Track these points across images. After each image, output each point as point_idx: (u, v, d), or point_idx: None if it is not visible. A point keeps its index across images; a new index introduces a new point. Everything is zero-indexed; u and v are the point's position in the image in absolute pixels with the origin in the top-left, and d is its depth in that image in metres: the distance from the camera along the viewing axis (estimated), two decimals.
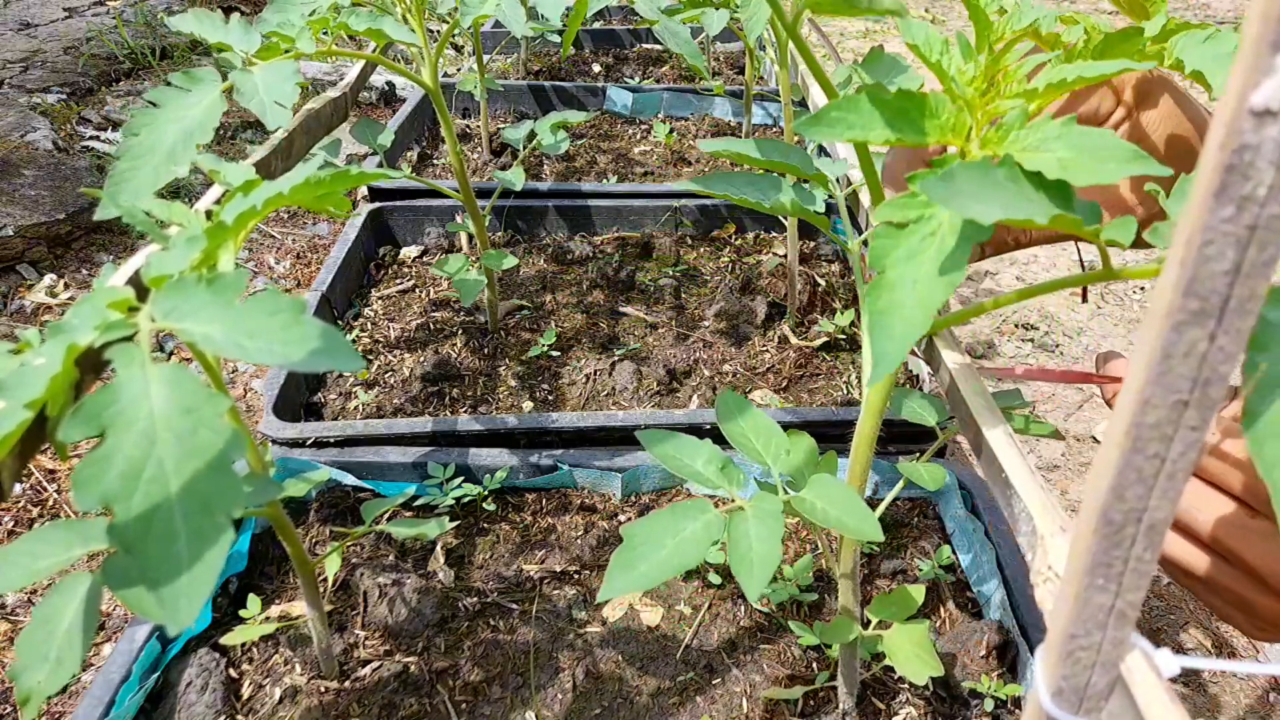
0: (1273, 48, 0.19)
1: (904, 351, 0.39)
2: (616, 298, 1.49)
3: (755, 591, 0.52)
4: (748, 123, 1.84)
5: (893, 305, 0.40)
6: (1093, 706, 0.33)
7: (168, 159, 0.63)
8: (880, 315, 0.40)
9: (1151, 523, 0.28)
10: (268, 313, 0.40)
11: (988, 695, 0.84)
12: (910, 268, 0.40)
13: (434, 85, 1.12)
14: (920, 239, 0.40)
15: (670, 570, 0.53)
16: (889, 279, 0.40)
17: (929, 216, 0.40)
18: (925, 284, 0.39)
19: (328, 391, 1.26)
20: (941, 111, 0.43)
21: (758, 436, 0.65)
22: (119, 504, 0.36)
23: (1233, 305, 0.22)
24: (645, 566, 0.53)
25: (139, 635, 0.83)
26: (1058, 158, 0.39)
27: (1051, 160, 0.39)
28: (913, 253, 0.40)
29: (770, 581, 0.75)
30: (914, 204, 0.40)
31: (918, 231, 0.40)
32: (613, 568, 0.53)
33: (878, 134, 0.41)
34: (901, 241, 0.40)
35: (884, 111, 0.42)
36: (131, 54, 2.71)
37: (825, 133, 0.41)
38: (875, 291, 0.40)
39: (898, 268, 0.40)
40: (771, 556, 0.53)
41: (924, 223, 0.40)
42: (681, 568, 0.53)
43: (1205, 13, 3.91)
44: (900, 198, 0.41)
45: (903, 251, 0.40)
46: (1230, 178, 0.20)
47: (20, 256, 1.71)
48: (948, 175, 0.36)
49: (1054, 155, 0.40)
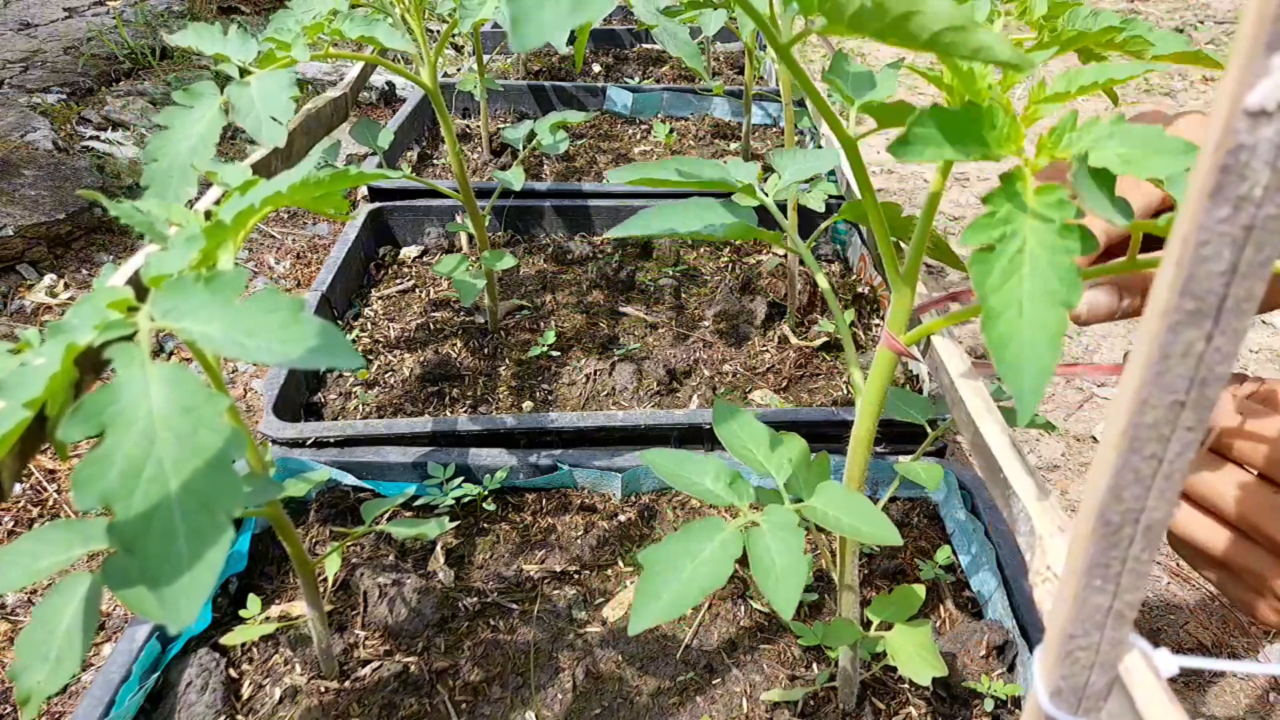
0: (1268, 49, 0.19)
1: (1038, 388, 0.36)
2: (616, 298, 1.49)
3: (788, 608, 0.51)
4: (747, 123, 1.84)
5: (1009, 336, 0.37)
6: (1091, 706, 0.33)
7: (183, 178, 0.65)
8: (1000, 349, 0.37)
9: (1149, 523, 0.28)
10: (266, 311, 0.40)
11: (988, 695, 0.84)
12: (1009, 291, 0.38)
13: (433, 85, 1.12)
14: (1009, 259, 0.38)
15: (696, 595, 0.52)
16: (992, 307, 0.38)
17: (1011, 234, 0.39)
18: (1031, 305, 0.37)
19: (328, 391, 1.27)
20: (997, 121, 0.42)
21: (757, 445, 0.65)
22: (118, 503, 0.36)
23: (1229, 305, 0.22)
24: (669, 594, 0.52)
25: (139, 635, 0.83)
26: (1116, 154, 0.39)
27: (1112, 157, 0.39)
28: (1006, 274, 0.38)
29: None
30: (993, 223, 0.39)
31: (1005, 252, 0.39)
32: (638, 598, 0.53)
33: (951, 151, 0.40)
34: (993, 264, 0.39)
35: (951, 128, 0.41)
36: (131, 54, 2.71)
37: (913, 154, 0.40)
38: (987, 324, 0.38)
39: (997, 292, 0.38)
40: (797, 569, 0.53)
41: (1008, 241, 0.39)
42: (706, 591, 0.52)
43: (1205, 12, 3.91)
44: (980, 218, 0.39)
45: (997, 275, 0.38)
46: (1226, 178, 0.21)
47: (20, 256, 1.71)
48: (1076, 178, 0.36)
49: (1114, 152, 0.40)
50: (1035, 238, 0.38)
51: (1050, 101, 0.46)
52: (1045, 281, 0.37)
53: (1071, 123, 0.42)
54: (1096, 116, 0.42)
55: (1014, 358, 0.37)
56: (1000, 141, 0.42)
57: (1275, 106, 0.19)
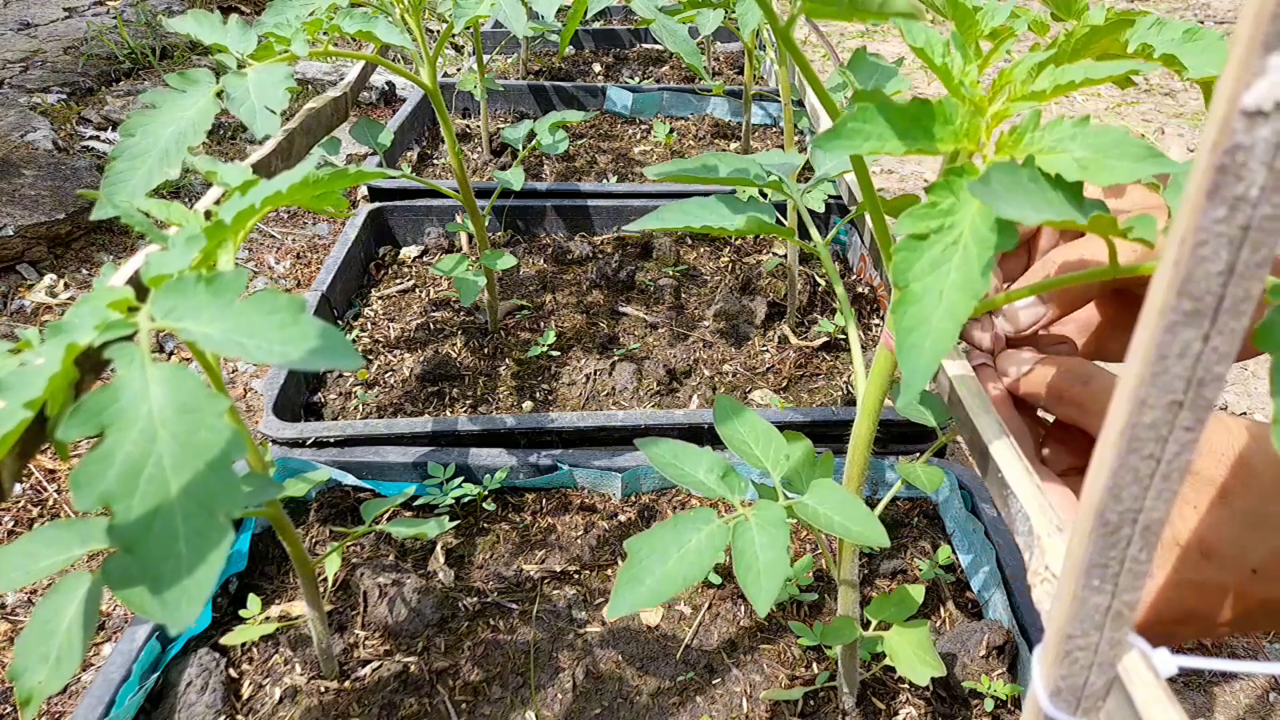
0: (1265, 48, 0.19)
1: (932, 367, 0.38)
2: (616, 298, 1.49)
3: (765, 605, 0.51)
4: (747, 122, 1.84)
5: (919, 320, 0.38)
6: (1091, 706, 0.33)
7: (162, 160, 0.64)
8: (907, 332, 0.38)
9: (1147, 523, 0.28)
10: (266, 312, 0.40)
11: (988, 695, 0.84)
12: (934, 279, 0.39)
13: (433, 85, 1.12)
14: (943, 249, 0.39)
15: (677, 585, 0.52)
16: (913, 292, 0.39)
17: (949, 225, 0.39)
18: (951, 294, 0.38)
19: (327, 391, 1.27)
20: (954, 117, 0.42)
21: (756, 442, 0.65)
22: (118, 504, 0.36)
23: (1226, 306, 0.22)
24: (651, 581, 0.52)
25: (139, 635, 0.83)
26: (1075, 158, 0.39)
27: (1069, 161, 0.39)
28: (936, 263, 0.39)
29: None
30: (934, 214, 0.39)
31: (939, 241, 0.39)
32: (619, 584, 0.53)
33: (893, 144, 0.41)
34: (923, 253, 0.39)
35: (899, 121, 0.41)
36: (131, 54, 2.71)
37: (844, 145, 0.40)
38: (900, 307, 0.39)
39: (921, 279, 0.39)
40: (779, 566, 0.52)
41: (945, 232, 0.39)
42: (688, 581, 0.52)
43: (1205, 12, 3.91)
44: (919, 208, 0.40)
45: (925, 263, 0.39)
46: (1223, 178, 0.21)
47: (20, 256, 1.71)
48: (985, 178, 0.36)
49: (1071, 156, 0.39)
50: (973, 231, 0.39)
51: (1027, 100, 0.45)
52: (970, 273, 0.38)
53: (1034, 121, 0.41)
54: (1060, 117, 0.41)
55: (917, 340, 0.38)
56: (953, 137, 0.42)
57: (1272, 106, 0.19)
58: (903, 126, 0.41)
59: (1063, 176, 0.38)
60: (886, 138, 0.41)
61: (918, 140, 0.41)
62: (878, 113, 0.40)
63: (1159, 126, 2.72)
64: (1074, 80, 0.44)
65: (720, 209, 0.65)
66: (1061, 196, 0.38)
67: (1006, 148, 0.42)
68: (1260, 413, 1.60)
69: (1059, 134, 0.40)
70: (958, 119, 0.42)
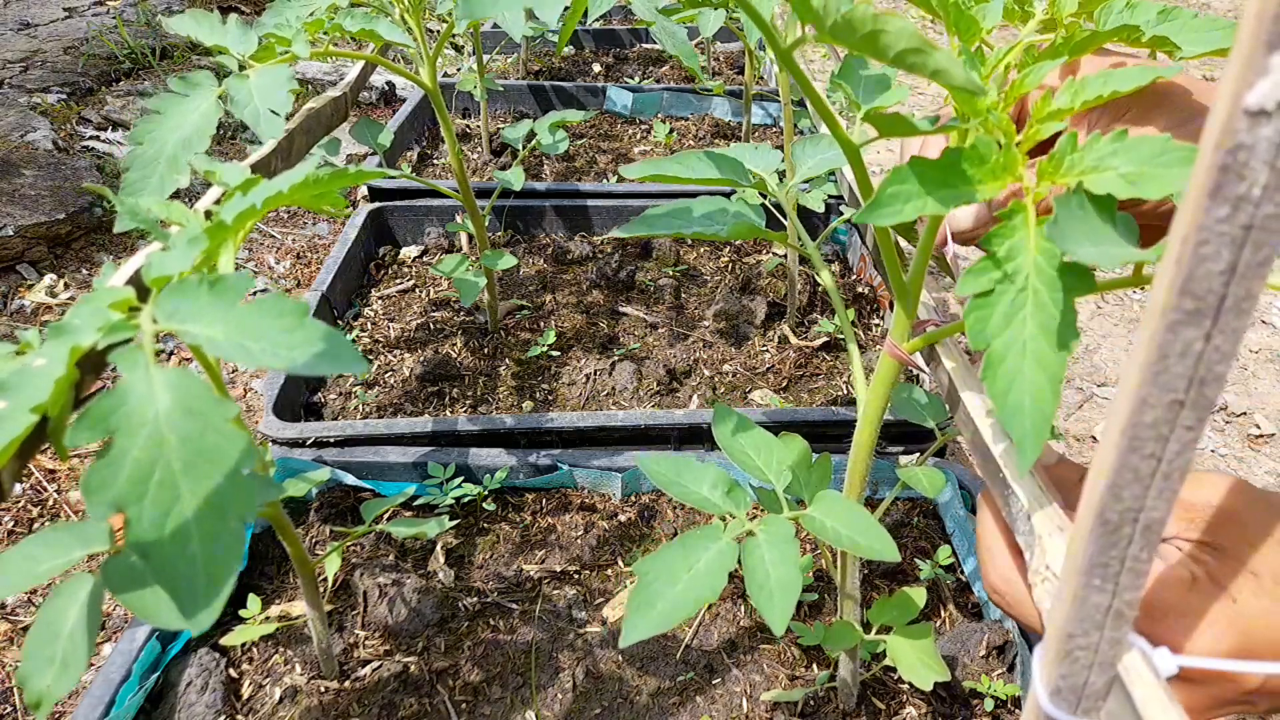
0: (1267, 48, 0.19)
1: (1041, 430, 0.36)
2: (616, 298, 1.49)
3: (780, 623, 0.50)
4: (747, 123, 1.84)
5: (1012, 377, 0.36)
6: (1091, 706, 0.33)
7: (171, 166, 0.64)
8: (1003, 395, 0.36)
9: (1148, 523, 0.28)
10: (271, 316, 0.40)
11: (988, 695, 0.84)
12: (1014, 332, 0.37)
13: (433, 85, 1.12)
14: (1011, 300, 0.37)
15: (689, 607, 0.51)
16: (996, 351, 0.37)
17: (1011, 274, 0.38)
18: (1035, 344, 0.36)
19: (328, 391, 1.27)
20: (989, 154, 0.40)
21: (757, 452, 0.64)
22: (130, 508, 0.36)
23: (1228, 305, 0.23)
24: (663, 605, 0.51)
25: (139, 635, 0.83)
26: (1121, 174, 0.37)
27: (1115, 178, 0.37)
28: (1009, 316, 0.37)
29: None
30: (989, 266, 0.38)
31: (1007, 293, 0.37)
32: (631, 610, 0.52)
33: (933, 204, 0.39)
34: (993, 308, 0.37)
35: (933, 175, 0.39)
36: (131, 54, 2.71)
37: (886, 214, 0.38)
38: (990, 370, 0.37)
39: (1000, 336, 0.37)
40: (791, 582, 0.51)
41: (1009, 281, 0.37)
42: (700, 603, 0.51)
43: (1206, 12, 3.91)
44: (975, 266, 0.38)
45: (999, 319, 0.37)
46: (1225, 178, 0.21)
47: (20, 256, 1.71)
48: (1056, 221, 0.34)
49: (1117, 173, 0.37)
50: (1039, 274, 0.37)
51: (1052, 119, 0.43)
52: (1048, 319, 0.36)
53: (1071, 144, 0.40)
54: (1097, 133, 0.40)
55: (1016, 402, 0.36)
56: (992, 175, 0.40)
57: (1274, 106, 0.19)
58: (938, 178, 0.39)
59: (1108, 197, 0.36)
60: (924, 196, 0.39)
61: (957, 188, 0.40)
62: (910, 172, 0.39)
63: None
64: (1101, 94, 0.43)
65: (709, 214, 0.64)
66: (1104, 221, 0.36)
67: (1049, 175, 0.41)
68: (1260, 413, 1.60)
69: (1100, 152, 0.39)
70: (993, 155, 0.41)
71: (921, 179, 0.39)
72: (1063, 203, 0.36)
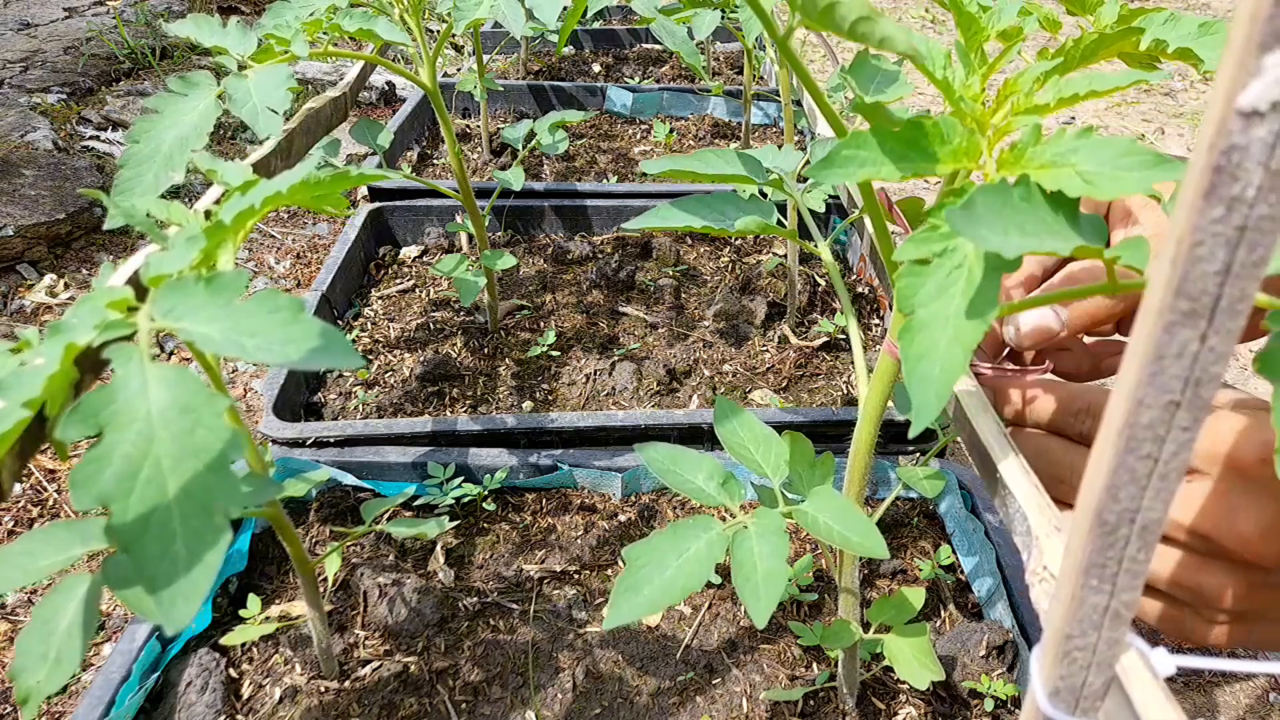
0: (1260, 49, 0.19)
1: (944, 398, 0.36)
2: (616, 298, 1.49)
3: (762, 616, 0.50)
4: (746, 123, 1.84)
5: (928, 348, 0.37)
6: (1089, 706, 0.33)
7: (166, 165, 0.64)
8: (916, 360, 0.37)
9: (1145, 523, 0.28)
10: (267, 312, 0.40)
11: (988, 695, 0.84)
12: (941, 305, 0.37)
13: (433, 85, 1.12)
14: (947, 274, 0.38)
15: (676, 593, 0.51)
16: (919, 319, 0.37)
17: (953, 249, 0.38)
18: (959, 321, 0.36)
19: (328, 391, 1.27)
20: (953, 136, 0.41)
21: (756, 446, 0.64)
22: (116, 504, 0.36)
23: (1223, 306, 0.23)
24: (650, 590, 0.52)
25: (139, 635, 0.83)
26: (1078, 172, 0.37)
27: (1072, 175, 0.37)
28: (941, 289, 0.37)
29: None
30: (935, 237, 0.38)
31: (943, 266, 0.38)
32: (616, 593, 0.52)
33: (889, 170, 0.39)
34: (927, 278, 0.38)
35: (894, 144, 0.39)
36: (131, 54, 2.71)
37: (837, 174, 0.39)
38: (907, 335, 0.37)
39: (927, 306, 0.37)
40: (778, 575, 0.51)
41: (949, 255, 0.38)
42: (687, 590, 0.51)
43: (1206, 12, 3.91)
44: (920, 232, 0.38)
45: (930, 289, 0.38)
46: (1219, 178, 0.21)
47: (20, 256, 1.71)
48: (968, 203, 0.34)
49: (1074, 170, 0.37)
50: (976, 254, 0.37)
51: (1030, 113, 0.43)
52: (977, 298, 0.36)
53: (1035, 135, 0.40)
54: (1063, 128, 0.40)
55: (926, 371, 0.37)
56: (952, 156, 0.41)
57: (1268, 107, 0.19)
58: (898, 149, 0.40)
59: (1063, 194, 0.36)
60: (881, 162, 0.39)
61: (915, 163, 0.40)
62: (871, 137, 0.39)
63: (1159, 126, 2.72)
64: (1078, 93, 0.43)
65: (721, 208, 0.64)
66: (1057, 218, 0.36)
67: (1006, 164, 0.41)
68: None
69: (1061, 147, 0.39)
70: (956, 138, 0.41)
71: (882, 147, 0.40)
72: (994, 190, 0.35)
